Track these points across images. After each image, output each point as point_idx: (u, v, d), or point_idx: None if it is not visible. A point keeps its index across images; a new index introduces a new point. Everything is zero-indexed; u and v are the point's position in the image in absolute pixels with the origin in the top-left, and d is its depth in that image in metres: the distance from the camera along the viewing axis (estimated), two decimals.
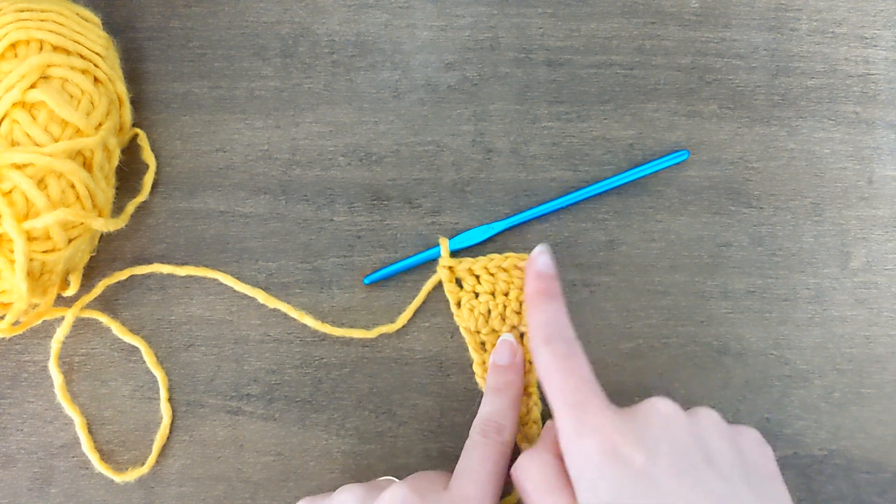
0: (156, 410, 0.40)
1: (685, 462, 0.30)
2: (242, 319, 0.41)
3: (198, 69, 0.43)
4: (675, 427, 0.31)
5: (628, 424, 0.31)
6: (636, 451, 0.30)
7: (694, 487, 0.29)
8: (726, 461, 0.31)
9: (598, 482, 0.30)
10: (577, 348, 0.34)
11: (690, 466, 0.30)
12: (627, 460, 0.30)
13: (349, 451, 0.40)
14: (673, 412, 0.32)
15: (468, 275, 0.41)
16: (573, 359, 0.34)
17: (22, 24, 0.36)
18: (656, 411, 0.32)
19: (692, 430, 0.31)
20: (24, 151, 0.35)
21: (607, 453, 0.30)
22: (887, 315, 0.42)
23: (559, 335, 0.35)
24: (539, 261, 0.38)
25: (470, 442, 0.36)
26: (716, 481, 0.30)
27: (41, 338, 0.41)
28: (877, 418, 0.41)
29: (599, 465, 0.30)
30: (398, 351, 0.41)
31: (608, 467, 0.30)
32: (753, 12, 0.44)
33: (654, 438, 0.31)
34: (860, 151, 0.43)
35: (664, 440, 0.31)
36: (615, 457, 0.30)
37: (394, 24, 0.43)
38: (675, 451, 0.30)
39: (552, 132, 0.43)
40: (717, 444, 0.31)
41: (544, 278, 0.37)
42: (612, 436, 0.30)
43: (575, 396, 0.32)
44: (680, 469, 0.30)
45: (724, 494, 0.29)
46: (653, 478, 0.29)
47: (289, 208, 0.42)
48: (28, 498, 0.40)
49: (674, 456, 0.30)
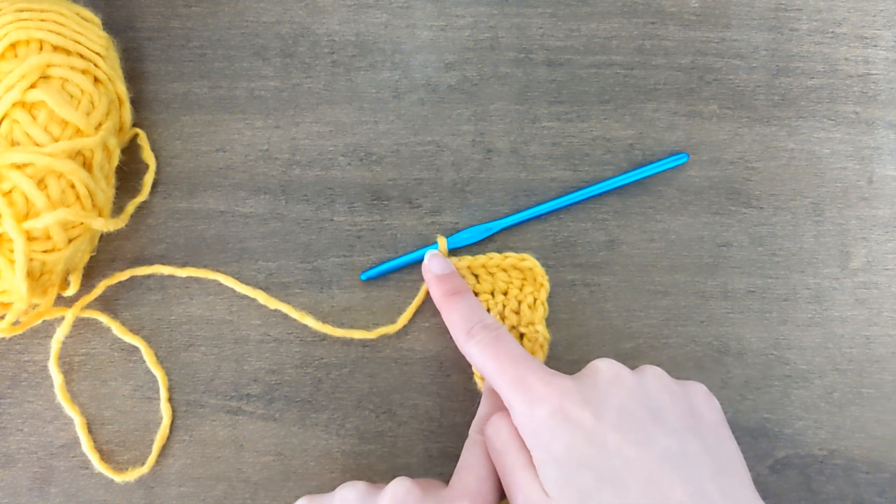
0: (156, 410, 0.40)
1: (633, 419, 0.31)
2: (242, 319, 0.41)
3: (198, 69, 0.43)
4: (621, 386, 0.32)
5: (575, 387, 0.32)
6: (584, 412, 0.31)
7: (642, 444, 0.30)
8: (673, 416, 0.32)
9: (551, 443, 0.31)
10: (499, 330, 0.36)
11: (638, 423, 0.31)
12: (577, 421, 0.31)
13: (349, 451, 0.40)
14: (617, 371, 0.33)
15: (467, 273, 0.41)
16: (500, 342, 0.35)
17: (22, 24, 0.36)
18: (601, 372, 0.33)
19: (638, 388, 0.32)
20: (24, 151, 0.35)
21: (557, 416, 0.31)
22: (887, 315, 0.42)
23: (479, 325, 0.36)
24: (433, 265, 0.39)
25: (470, 440, 0.36)
26: (663, 436, 0.31)
27: (41, 338, 0.41)
28: (877, 418, 0.41)
29: (551, 429, 0.31)
30: (398, 351, 0.41)
31: (559, 428, 0.31)
32: (753, 12, 0.44)
33: (600, 398, 0.32)
34: (860, 151, 0.43)
35: (611, 399, 0.32)
36: (565, 419, 0.31)
37: (394, 24, 0.43)
38: (622, 409, 0.31)
39: (552, 132, 0.43)
40: (664, 399, 0.32)
41: (445, 279, 0.38)
42: (559, 400, 0.32)
43: (513, 374, 0.33)
44: (628, 426, 0.31)
45: (672, 449, 0.30)
46: (602, 436, 0.31)
47: (289, 208, 0.42)
48: (28, 498, 0.40)
49: (621, 414, 0.31)
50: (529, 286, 0.41)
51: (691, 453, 0.31)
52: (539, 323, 0.40)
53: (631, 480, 0.30)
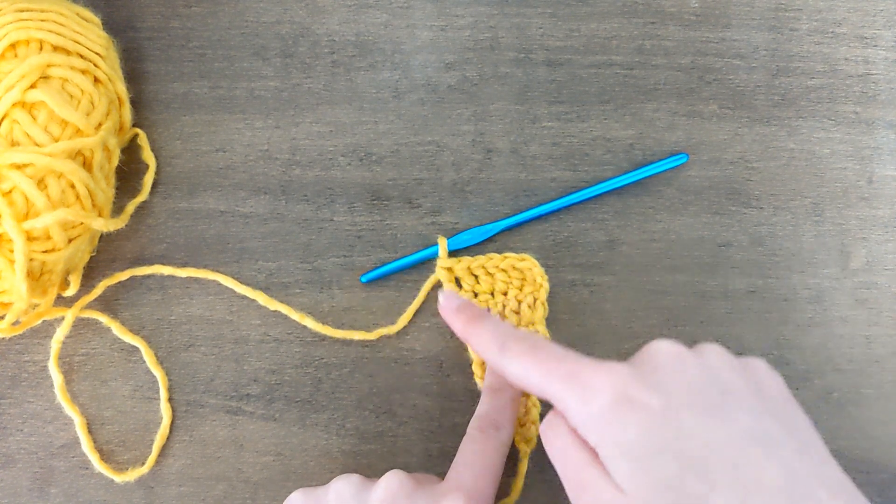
0: (156, 410, 0.40)
1: (704, 398, 0.29)
2: (242, 319, 0.41)
3: (198, 69, 0.43)
4: (684, 365, 0.30)
5: (634, 371, 0.30)
6: (650, 395, 0.28)
7: (720, 422, 0.28)
8: (743, 393, 0.30)
9: (619, 435, 0.28)
10: (533, 337, 0.33)
11: (710, 402, 0.29)
12: (644, 405, 0.28)
13: (349, 451, 0.40)
14: (678, 351, 0.31)
15: (467, 274, 0.41)
16: (536, 347, 0.32)
17: (22, 24, 0.36)
18: (661, 353, 0.31)
19: (703, 366, 0.30)
20: (24, 151, 0.35)
21: (621, 404, 0.29)
22: (887, 315, 0.42)
23: (510, 338, 0.33)
24: (450, 301, 0.37)
25: (467, 437, 0.36)
26: (739, 414, 0.29)
27: (41, 338, 0.41)
28: (876, 418, 0.41)
29: (617, 419, 0.28)
30: (398, 351, 0.41)
31: (626, 415, 0.28)
32: (753, 12, 0.44)
33: (665, 380, 0.29)
34: (860, 151, 0.43)
35: (676, 380, 0.29)
36: (630, 404, 0.28)
37: (394, 24, 0.43)
38: (690, 389, 0.29)
39: (552, 132, 0.43)
40: (730, 376, 0.30)
41: (462, 309, 0.37)
42: (621, 387, 0.29)
43: (562, 372, 0.31)
44: (701, 406, 0.29)
45: (750, 426, 0.28)
46: (674, 418, 0.28)
47: (289, 208, 0.42)
48: (28, 498, 0.40)
49: (690, 394, 0.29)
50: (529, 286, 0.41)
51: (771, 431, 0.28)
52: (539, 323, 0.40)
53: (717, 464, 0.27)
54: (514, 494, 0.39)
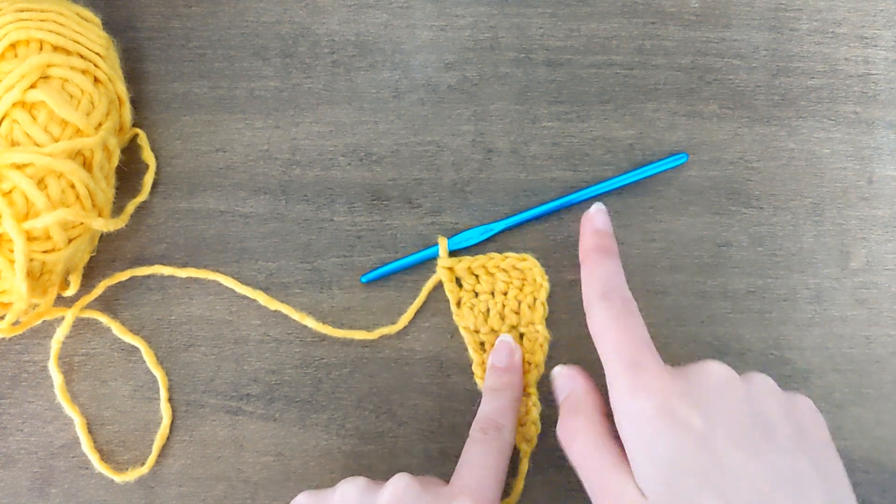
0: (156, 410, 0.40)
1: (744, 431, 0.30)
2: (242, 319, 0.41)
3: (198, 69, 0.43)
4: (732, 393, 0.31)
5: (685, 387, 0.31)
6: (694, 415, 0.29)
7: (754, 458, 0.29)
8: (784, 432, 0.30)
9: (655, 441, 0.29)
10: (634, 307, 0.34)
11: (749, 436, 0.29)
12: (686, 422, 0.29)
13: (349, 452, 0.40)
14: (729, 377, 0.31)
15: (467, 274, 0.41)
16: (630, 317, 0.33)
17: (22, 24, 0.36)
18: (713, 375, 0.31)
19: (749, 398, 0.31)
20: (24, 151, 0.35)
21: (665, 414, 0.30)
22: (887, 315, 0.42)
23: (617, 292, 0.34)
24: (597, 219, 0.38)
25: (470, 439, 0.36)
26: (775, 454, 0.29)
27: (41, 338, 0.41)
28: (877, 418, 0.41)
29: (656, 425, 0.30)
30: (398, 351, 0.41)
31: (666, 427, 0.29)
32: (753, 12, 0.44)
33: (711, 404, 0.30)
34: (860, 151, 0.43)
35: (722, 406, 0.30)
36: (673, 418, 0.29)
37: (394, 24, 0.43)
38: (734, 418, 0.30)
39: (552, 132, 0.43)
40: (775, 412, 0.31)
41: (602, 235, 0.37)
42: (669, 397, 0.30)
43: (632, 356, 0.32)
44: (739, 438, 0.29)
45: (783, 467, 0.29)
46: (712, 443, 0.29)
47: (289, 208, 0.42)
48: (28, 498, 0.40)
49: (732, 424, 0.30)
50: (529, 286, 0.41)
51: (804, 475, 0.29)
52: (539, 323, 0.40)
53: (740, 494, 0.28)
54: (514, 495, 0.39)
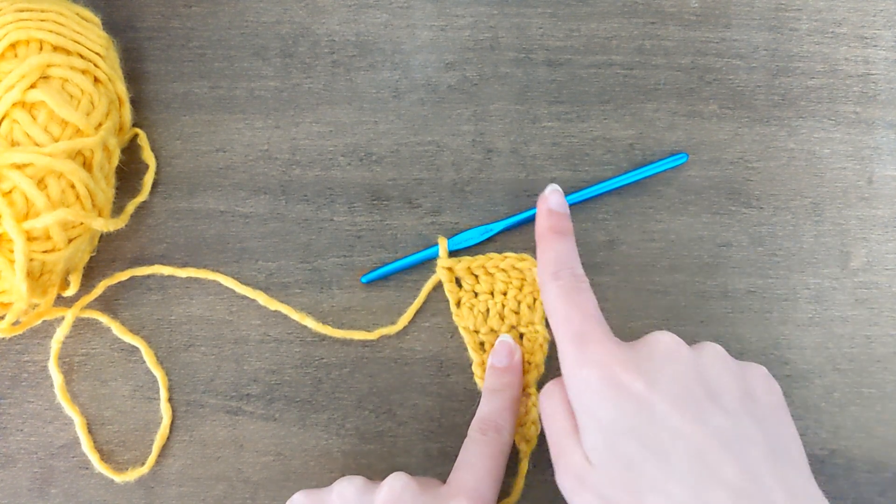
0: (156, 410, 0.40)
1: (687, 394, 0.30)
2: (242, 319, 0.41)
3: (198, 69, 0.43)
4: (677, 359, 0.31)
5: (629, 355, 0.31)
6: (636, 380, 0.30)
7: (694, 419, 0.29)
8: (729, 395, 0.30)
9: (598, 408, 0.30)
10: (583, 283, 0.35)
11: (692, 399, 0.30)
12: (627, 387, 0.30)
13: (349, 451, 0.40)
14: (676, 345, 0.32)
15: (467, 274, 0.41)
16: (579, 293, 0.34)
17: (22, 24, 0.36)
18: (660, 343, 0.32)
19: (695, 364, 0.31)
20: (24, 151, 0.35)
21: (607, 380, 0.30)
22: (888, 315, 0.42)
23: (567, 270, 0.35)
24: (552, 199, 0.38)
25: (469, 439, 0.36)
26: (718, 415, 0.30)
27: (41, 338, 0.41)
28: (877, 418, 0.41)
29: (599, 392, 0.30)
30: (398, 351, 0.41)
31: (608, 393, 0.30)
32: (753, 12, 0.44)
33: (655, 369, 0.31)
34: (860, 151, 0.43)
35: (666, 371, 0.31)
36: (615, 384, 0.30)
37: (394, 24, 0.43)
38: (677, 382, 0.30)
39: (552, 132, 0.43)
40: (721, 378, 0.31)
41: (556, 216, 0.37)
42: (612, 365, 0.31)
43: (578, 328, 0.32)
44: (680, 400, 0.30)
45: (725, 428, 0.29)
46: (652, 405, 0.30)
47: (289, 208, 0.42)
48: (28, 498, 0.40)
49: (675, 387, 0.30)
50: (529, 286, 0.41)
51: (745, 434, 0.29)
52: (539, 323, 0.40)
53: (678, 454, 0.29)
54: (514, 495, 0.39)
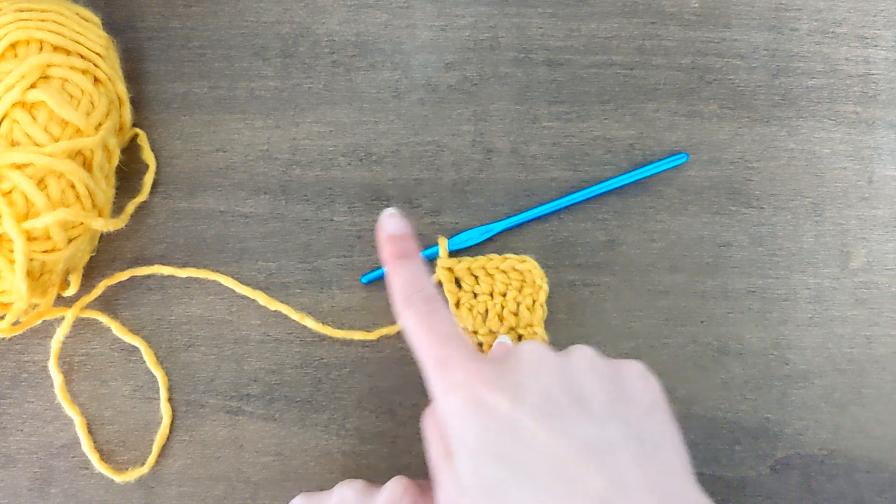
0: (156, 410, 0.40)
1: (552, 405, 0.29)
2: (242, 319, 0.41)
3: (198, 69, 0.43)
4: (543, 370, 0.30)
5: (494, 373, 0.30)
6: (500, 398, 0.29)
7: (558, 432, 0.28)
8: (598, 400, 0.30)
9: (465, 433, 0.29)
10: (437, 304, 0.33)
11: (556, 410, 0.29)
12: (492, 407, 0.29)
13: (349, 451, 0.40)
14: (540, 355, 0.31)
15: (467, 275, 0.41)
16: (433, 315, 0.32)
17: (22, 24, 0.36)
18: (524, 355, 0.31)
19: (562, 371, 0.30)
20: (24, 151, 0.35)
21: (471, 404, 0.29)
22: (888, 315, 0.42)
23: (417, 294, 0.33)
24: (388, 225, 0.35)
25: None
26: (583, 423, 0.29)
27: (41, 338, 0.41)
28: (877, 418, 0.41)
29: (465, 417, 0.29)
30: (399, 351, 0.41)
31: (473, 417, 0.29)
32: (753, 12, 0.44)
33: (520, 383, 0.30)
34: (860, 151, 0.43)
35: (531, 383, 0.30)
36: (479, 406, 0.29)
37: (394, 24, 0.43)
38: (542, 393, 0.29)
39: (552, 132, 0.43)
40: (590, 383, 0.30)
41: (396, 240, 0.35)
42: (476, 387, 0.29)
43: (438, 353, 0.31)
44: (546, 415, 0.29)
45: (589, 435, 0.28)
46: (517, 423, 0.28)
47: (289, 208, 0.42)
48: (28, 498, 0.40)
49: (540, 399, 0.29)
50: (528, 288, 0.41)
51: (613, 440, 0.29)
52: (538, 325, 0.40)
53: (544, 472, 0.28)
54: None
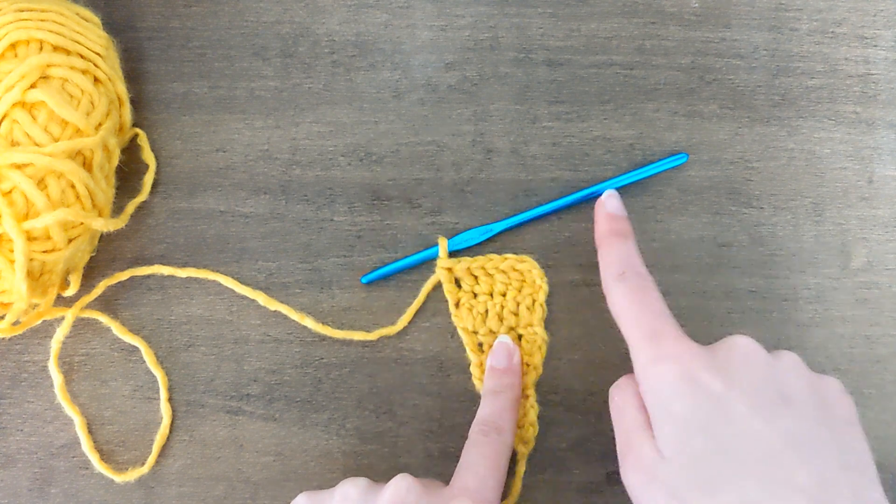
0: (156, 410, 0.40)
1: (763, 396, 0.30)
2: (242, 319, 0.41)
3: (198, 69, 0.43)
4: (755, 362, 0.31)
5: (708, 354, 0.31)
6: (714, 379, 0.30)
7: (769, 421, 0.29)
8: (804, 403, 0.30)
9: (673, 403, 0.30)
10: (650, 282, 0.35)
11: (769, 402, 0.30)
12: (705, 385, 0.30)
13: (349, 451, 0.40)
14: (754, 349, 0.32)
15: (467, 275, 0.41)
16: (647, 291, 0.34)
17: (22, 24, 0.36)
18: (738, 346, 0.32)
19: (773, 369, 0.31)
20: (24, 151, 0.35)
21: (685, 378, 0.30)
22: (888, 315, 0.42)
23: (632, 270, 0.35)
24: (609, 203, 0.38)
25: (470, 441, 0.36)
26: (792, 420, 0.30)
27: (41, 338, 0.41)
28: (877, 418, 0.41)
29: (676, 388, 0.30)
30: (398, 351, 0.41)
31: (685, 389, 0.30)
32: (753, 12, 0.44)
33: (733, 370, 0.30)
34: (860, 151, 0.43)
35: (743, 373, 0.30)
36: (693, 381, 0.30)
37: (394, 24, 0.43)
38: (754, 385, 0.30)
39: (552, 132, 0.43)
40: (797, 385, 0.31)
41: (615, 219, 0.38)
42: (690, 363, 0.31)
43: (651, 326, 0.32)
44: (758, 404, 0.30)
45: (798, 433, 0.29)
46: (730, 405, 0.29)
47: (289, 208, 0.42)
48: (28, 498, 0.40)
49: (752, 389, 0.30)
50: (528, 288, 0.41)
51: (820, 440, 0.29)
52: (538, 325, 0.40)
53: (753, 454, 0.29)
54: (512, 496, 0.39)
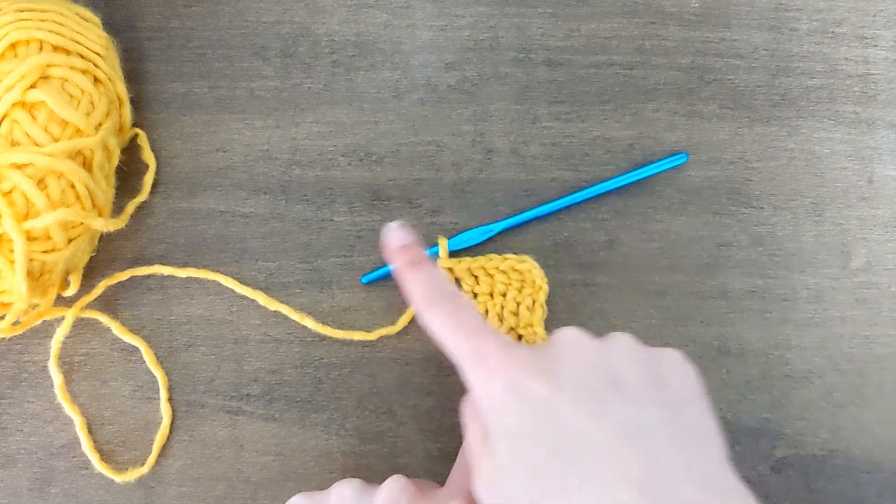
0: (156, 410, 0.40)
1: (589, 389, 0.29)
2: (242, 319, 0.41)
3: (198, 69, 0.43)
4: (580, 354, 0.30)
5: (532, 357, 0.30)
6: (537, 383, 0.29)
7: (596, 415, 0.29)
8: (636, 385, 0.30)
9: (504, 416, 0.30)
10: (460, 300, 0.33)
11: (594, 393, 0.29)
12: (530, 391, 0.29)
13: (349, 451, 0.40)
14: (577, 339, 0.31)
15: (467, 275, 0.41)
16: (459, 311, 0.33)
17: (22, 24, 0.36)
18: (562, 340, 0.31)
19: (600, 356, 0.31)
20: (24, 151, 0.35)
21: (510, 389, 0.30)
22: (887, 315, 0.42)
23: (437, 295, 0.33)
24: (392, 238, 0.36)
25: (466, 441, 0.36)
26: (619, 406, 0.29)
27: (41, 338, 0.41)
28: (877, 418, 0.41)
29: (503, 402, 0.30)
30: (398, 351, 0.41)
31: (512, 400, 0.30)
32: (753, 12, 0.44)
33: (557, 368, 0.30)
34: (860, 151, 0.43)
35: (568, 367, 0.30)
36: (518, 391, 0.30)
37: (394, 24, 0.43)
38: (579, 377, 0.30)
39: (552, 132, 0.43)
40: (627, 367, 0.30)
41: (404, 251, 0.35)
42: (514, 373, 0.30)
43: (472, 345, 0.31)
44: (583, 397, 0.29)
45: (626, 419, 0.29)
46: (556, 407, 0.29)
47: (289, 208, 0.42)
48: (28, 498, 0.40)
49: (577, 382, 0.29)
50: (528, 288, 0.41)
51: (650, 423, 0.29)
52: (538, 325, 0.40)
53: (584, 454, 0.28)
54: None
